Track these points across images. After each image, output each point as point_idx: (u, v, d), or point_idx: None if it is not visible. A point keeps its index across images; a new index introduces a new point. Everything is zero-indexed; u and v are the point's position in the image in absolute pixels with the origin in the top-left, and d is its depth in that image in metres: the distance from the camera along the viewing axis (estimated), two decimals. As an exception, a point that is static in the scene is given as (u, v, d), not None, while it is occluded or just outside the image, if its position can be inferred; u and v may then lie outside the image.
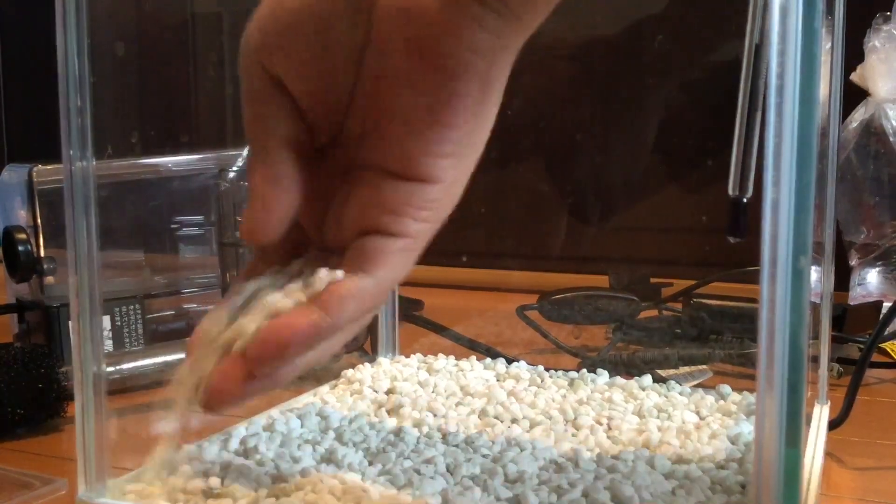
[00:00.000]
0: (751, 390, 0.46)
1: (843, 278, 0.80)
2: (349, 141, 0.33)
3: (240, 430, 0.41)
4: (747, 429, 0.41)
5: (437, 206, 0.32)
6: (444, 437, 0.40)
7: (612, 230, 0.95)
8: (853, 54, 0.78)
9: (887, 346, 0.67)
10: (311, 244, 0.35)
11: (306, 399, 0.46)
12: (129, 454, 0.37)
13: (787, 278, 0.25)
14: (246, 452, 0.38)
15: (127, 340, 0.63)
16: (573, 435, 0.40)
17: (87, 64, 0.33)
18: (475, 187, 0.38)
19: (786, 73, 0.25)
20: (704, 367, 0.60)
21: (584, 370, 0.51)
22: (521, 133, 0.93)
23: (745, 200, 0.34)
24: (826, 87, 0.46)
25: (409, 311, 0.76)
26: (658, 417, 0.43)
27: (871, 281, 0.81)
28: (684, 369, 0.60)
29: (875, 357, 0.60)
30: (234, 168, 0.64)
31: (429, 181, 0.31)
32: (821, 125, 0.38)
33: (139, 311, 0.64)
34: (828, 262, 0.47)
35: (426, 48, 0.29)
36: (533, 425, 0.42)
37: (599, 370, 0.50)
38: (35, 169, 0.63)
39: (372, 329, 0.63)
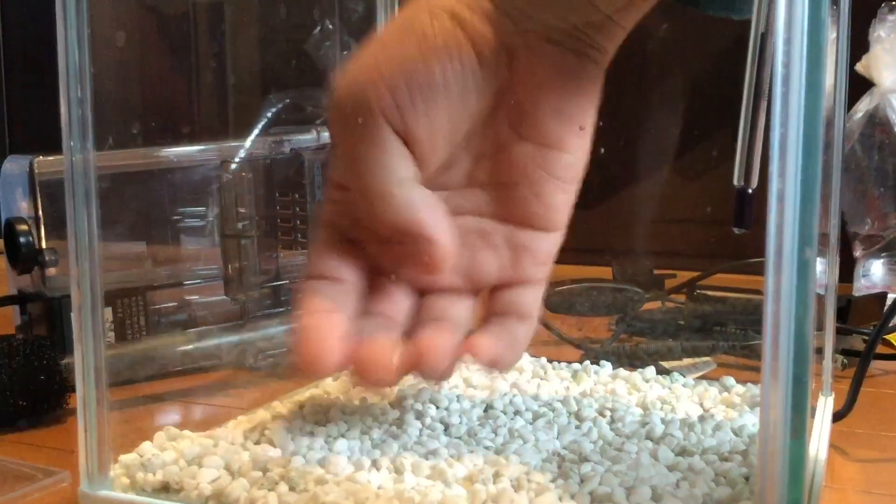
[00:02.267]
0: (754, 382, 0.46)
1: (847, 269, 0.80)
2: (449, 190, 0.37)
3: (243, 422, 0.41)
4: (751, 420, 0.41)
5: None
6: (447, 428, 0.40)
7: (616, 221, 0.95)
8: (858, 44, 0.78)
9: (892, 337, 0.67)
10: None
11: (309, 391, 0.46)
12: (131, 446, 0.37)
13: (793, 270, 0.25)
14: (248, 444, 0.38)
15: (129, 332, 0.63)
16: (576, 427, 0.40)
17: (87, 55, 0.33)
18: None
19: (792, 63, 0.24)
20: (708, 358, 0.60)
21: (588, 362, 0.50)
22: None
23: (750, 191, 0.33)
24: (831, 77, 0.46)
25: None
26: (661, 409, 0.43)
27: (875, 272, 0.81)
28: (688, 361, 0.60)
29: (880, 349, 0.60)
30: (237, 159, 0.64)
31: (561, 230, 0.37)
32: (826, 115, 0.38)
33: (141, 303, 0.64)
34: (832, 253, 0.47)
35: (569, 113, 0.36)
36: (536, 417, 0.41)
37: (602, 362, 0.50)
38: (36, 160, 0.62)
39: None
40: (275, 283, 0.66)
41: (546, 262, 0.38)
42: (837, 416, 0.47)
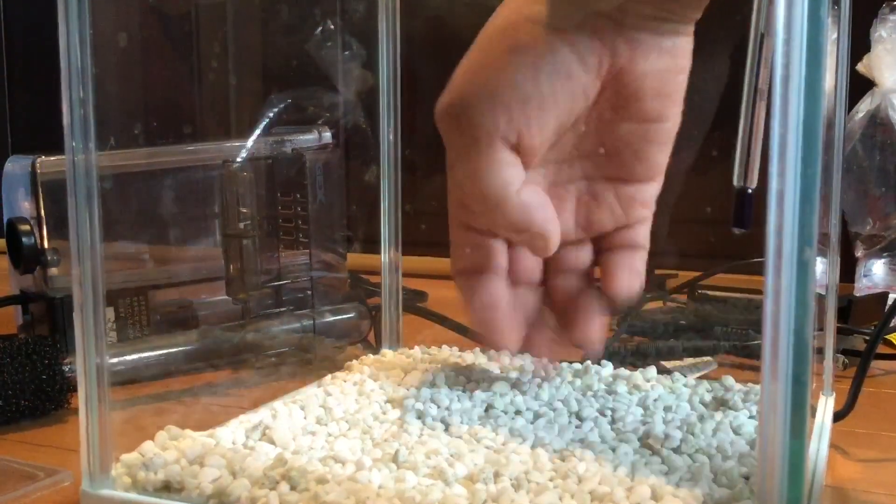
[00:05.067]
0: (755, 382, 0.46)
1: (848, 269, 0.80)
2: (558, 163, 0.41)
3: (244, 421, 0.41)
4: (752, 421, 0.41)
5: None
6: (448, 428, 0.40)
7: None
8: (859, 44, 0.78)
9: (893, 337, 0.67)
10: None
11: (310, 390, 0.46)
12: (132, 445, 0.37)
13: (793, 270, 0.25)
14: (250, 443, 0.38)
15: (131, 332, 0.63)
16: (577, 427, 0.40)
17: (89, 55, 0.33)
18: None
19: (791, 64, 0.24)
20: (709, 358, 0.60)
21: (589, 361, 0.50)
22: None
23: (750, 191, 0.33)
24: (832, 77, 0.46)
25: (413, 302, 0.76)
26: (662, 409, 0.43)
27: (876, 272, 0.81)
28: (689, 361, 0.60)
29: (880, 348, 0.60)
30: (238, 159, 0.64)
31: (661, 177, 0.42)
32: (826, 116, 0.38)
33: (143, 303, 0.64)
34: (833, 253, 0.47)
35: (668, 89, 0.39)
36: (537, 417, 0.42)
37: (604, 361, 0.50)
38: (38, 160, 0.63)
39: (375, 320, 0.63)
40: (276, 283, 0.66)
41: (650, 204, 0.42)
42: (838, 416, 0.47)
